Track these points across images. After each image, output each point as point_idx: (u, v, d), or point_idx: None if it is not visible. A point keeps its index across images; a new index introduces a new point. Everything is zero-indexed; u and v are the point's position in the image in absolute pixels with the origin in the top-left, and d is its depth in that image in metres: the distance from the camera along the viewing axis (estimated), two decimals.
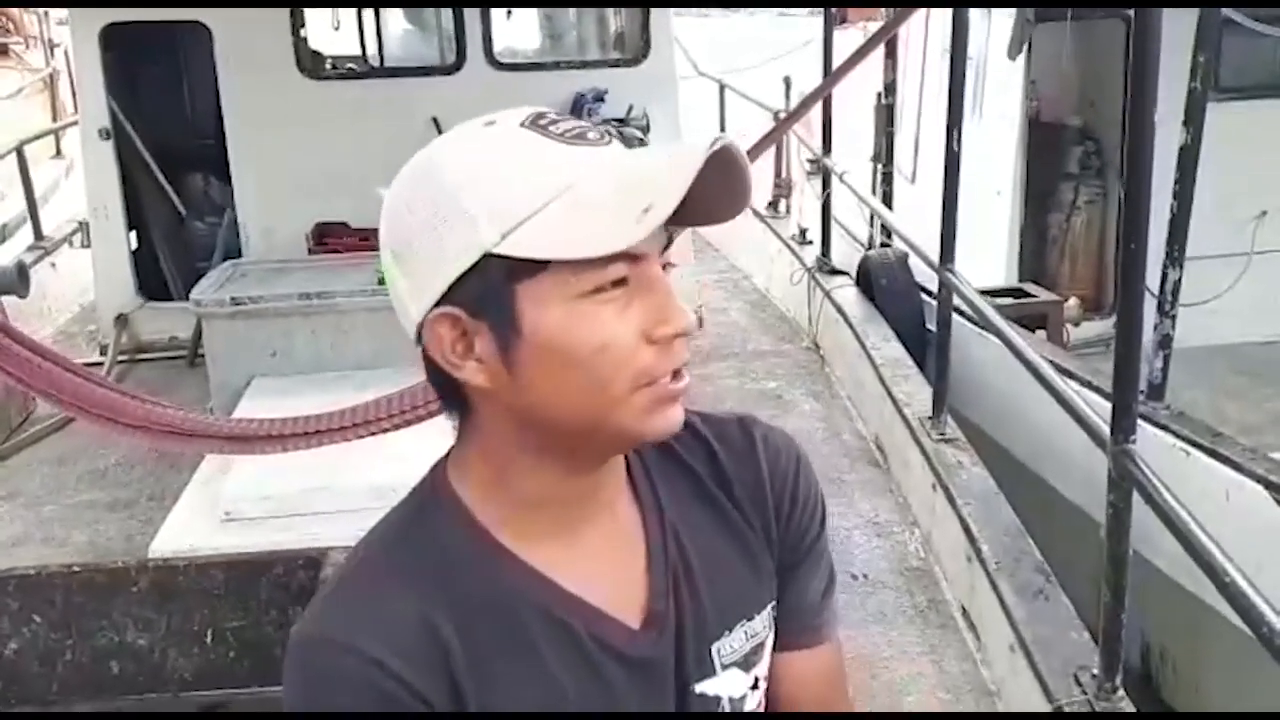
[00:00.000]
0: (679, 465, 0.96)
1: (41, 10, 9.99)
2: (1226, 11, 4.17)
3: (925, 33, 6.03)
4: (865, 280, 5.45)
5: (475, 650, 0.84)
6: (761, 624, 0.96)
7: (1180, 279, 3.30)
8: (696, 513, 0.95)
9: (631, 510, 0.92)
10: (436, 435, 0.86)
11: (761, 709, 0.98)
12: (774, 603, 0.97)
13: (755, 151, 3.42)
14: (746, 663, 0.95)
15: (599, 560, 0.89)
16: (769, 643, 0.98)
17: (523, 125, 0.80)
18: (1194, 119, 3.21)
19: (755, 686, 0.96)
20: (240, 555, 2.33)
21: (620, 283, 0.80)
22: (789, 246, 6.15)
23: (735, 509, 0.96)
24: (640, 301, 0.81)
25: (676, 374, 0.83)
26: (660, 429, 0.85)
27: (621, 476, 0.92)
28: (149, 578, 2.22)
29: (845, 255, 5.80)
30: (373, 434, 2.32)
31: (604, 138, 0.82)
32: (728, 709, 0.94)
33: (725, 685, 0.93)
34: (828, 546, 1.02)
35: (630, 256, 0.79)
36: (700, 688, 0.92)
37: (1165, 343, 3.37)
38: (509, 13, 5.71)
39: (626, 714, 0.89)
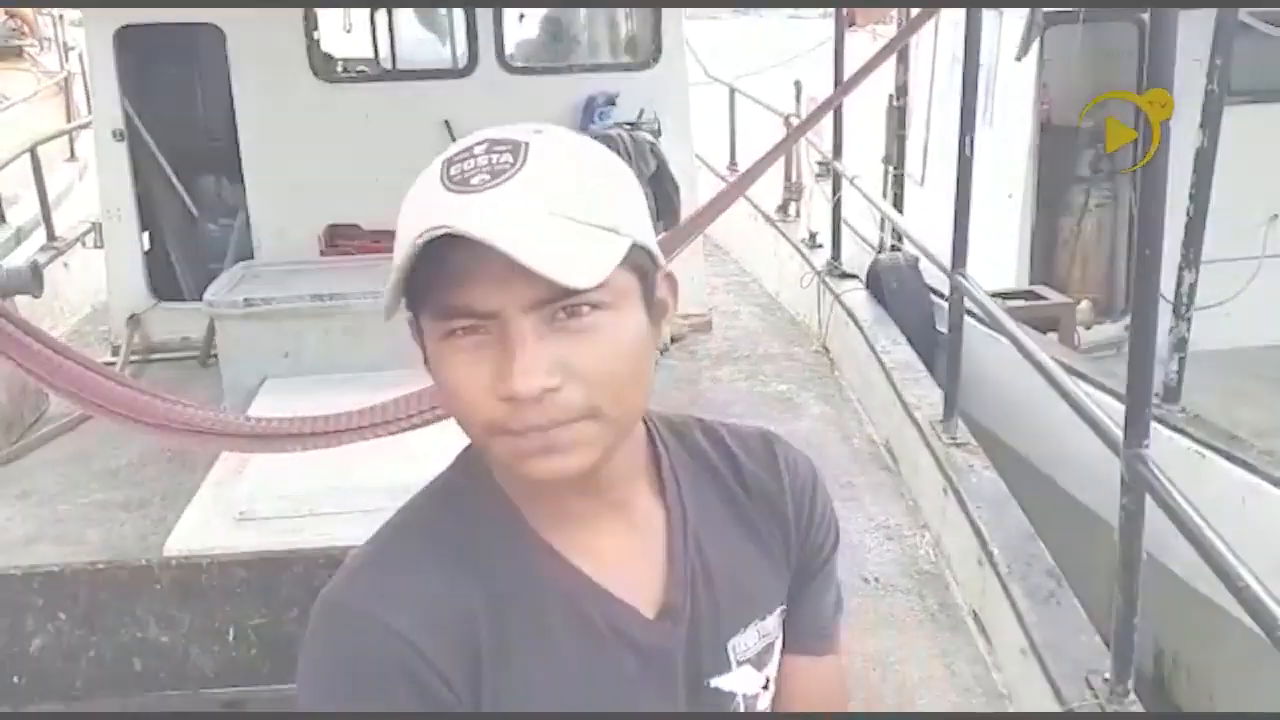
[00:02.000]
0: (705, 465, 0.98)
1: (57, 13, 10.03)
2: (1239, 14, 4.17)
3: (935, 36, 6.03)
4: (875, 283, 5.45)
5: (500, 631, 0.86)
6: (773, 624, 0.98)
7: (1196, 282, 3.30)
8: (719, 511, 0.97)
9: (655, 504, 0.94)
10: (454, 435, 0.88)
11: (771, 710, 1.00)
12: (784, 606, 1.00)
13: (769, 159, 3.44)
14: (759, 661, 0.97)
15: (619, 550, 0.91)
16: (778, 645, 1.00)
17: (442, 162, 0.82)
18: (1211, 121, 3.21)
19: (766, 687, 0.98)
20: (262, 553, 2.35)
21: (472, 331, 0.80)
22: (799, 250, 6.15)
23: (756, 513, 0.98)
24: (492, 356, 0.80)
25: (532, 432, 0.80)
26: (531, 476, 0.83)
27: (637, 472, 0.93)
28: (171, 575, 2.23)
29: (855, 258, 5.81)
30: (392, 433, 2.33)
31: (491, 180, 0.78)
32: (742, 705, 0.96)
33: (739, 681, 0.96)
34: (837, 567, 1.05)
35: (481, 311, 0.79)
36: (716, 682, 0.94)
37: (1181, 345, 3.36)
38: (521, 16, 5.72)
39: (648, 714, 0.91)
